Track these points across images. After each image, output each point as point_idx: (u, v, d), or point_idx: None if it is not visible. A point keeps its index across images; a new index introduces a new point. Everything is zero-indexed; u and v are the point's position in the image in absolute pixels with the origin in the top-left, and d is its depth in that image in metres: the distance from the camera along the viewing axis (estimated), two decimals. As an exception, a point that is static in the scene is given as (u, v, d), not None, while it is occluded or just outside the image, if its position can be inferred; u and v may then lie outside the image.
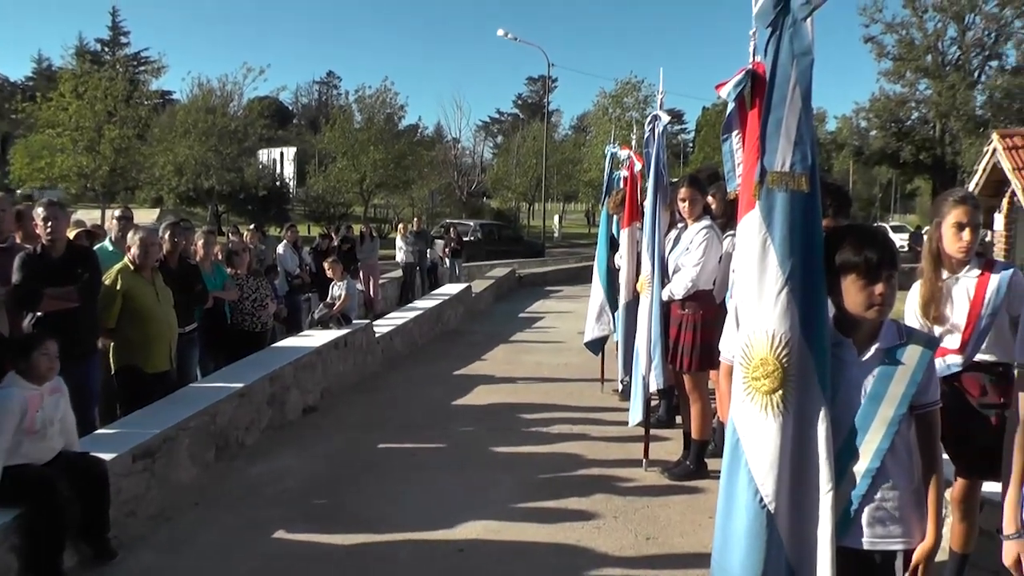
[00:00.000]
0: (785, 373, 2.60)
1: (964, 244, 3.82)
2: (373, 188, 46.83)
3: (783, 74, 2.63)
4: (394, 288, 18.78)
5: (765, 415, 2.63)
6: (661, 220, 6.29)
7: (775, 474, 2.61)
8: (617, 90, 53.62)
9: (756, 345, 2.66)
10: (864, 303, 2.62)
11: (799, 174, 2.62)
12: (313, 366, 8.46)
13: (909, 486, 2.68)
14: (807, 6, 2.54)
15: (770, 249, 2.64)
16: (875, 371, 2.67)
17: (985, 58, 47.57)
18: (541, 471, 6.48)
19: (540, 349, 12.38)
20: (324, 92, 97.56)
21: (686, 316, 6.21)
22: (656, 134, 6.32)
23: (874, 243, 2.64)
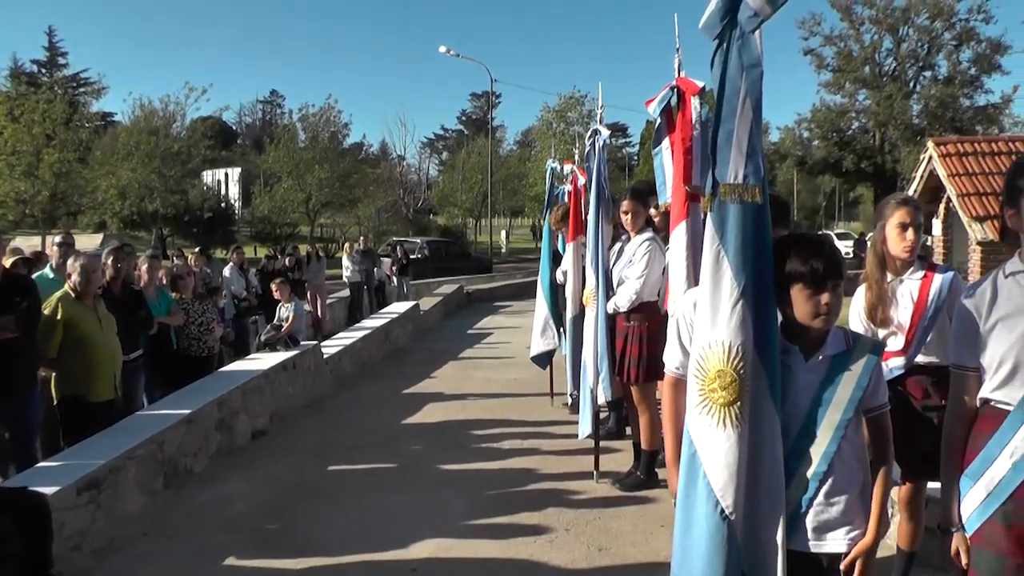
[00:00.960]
0: (742, 384, 2.62)
1: (908, 244, 3.92)
2: (319, 207, 46.48)
3: (733, 86, 2.63)
4: (342, 308, 18.61)
5: (723, 427, 2.64)
6: (604, 233, 6.33)
7: (735, 485, 2.62)
8: (560, 105, 53.93)
9: (711, 357, 2.67)
10: (811, 312, 2.65)
11: (752, 186, 2.62)
12: (261, 390, 8.33)
13: (856, 490, 2.71)
14: (755, 19, 2.53)
15: (724, 261, 2.64)
16: (822, 377, 2.70)
17: (919, 69, 48.87)
18: (492, 487, 6.46)
19: (489, 365, 12.37)
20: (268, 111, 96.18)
21: (632, 328, 6.24)
22: (597, 148, 6.37)
23: (820, 253, 2.66)
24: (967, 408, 2.75)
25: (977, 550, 2.63)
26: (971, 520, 2.65)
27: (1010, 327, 2.58)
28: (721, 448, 2.64)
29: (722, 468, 2.64)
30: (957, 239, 14.64)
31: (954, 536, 2.70)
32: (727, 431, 2.63)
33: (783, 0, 2.48)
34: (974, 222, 12.82)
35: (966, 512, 2.68)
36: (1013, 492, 2.54)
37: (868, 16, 47.95)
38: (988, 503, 2.60)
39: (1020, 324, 2.56)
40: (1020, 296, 2.60)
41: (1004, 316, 2.61)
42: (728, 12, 2.57)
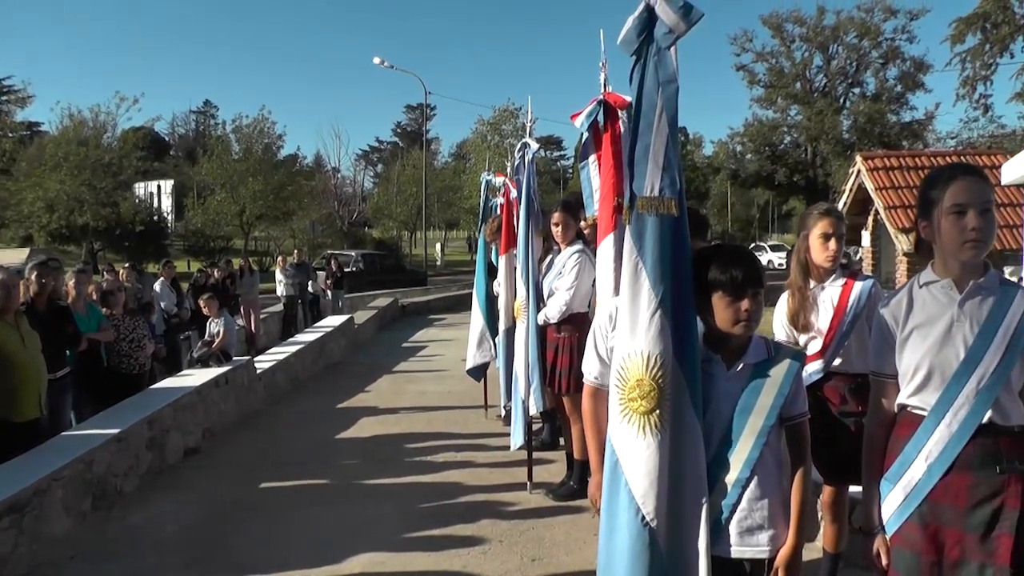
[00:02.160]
0: (661, 393, 2.66)
1: (830, 253, 4.08)
2: (253, 220, 45.77)
3: (649, 101, 2.67)
4: (276, 322, 18.38)
5: (643, 435, 2.68)
6: (534, 246, 6.36)
7: (655, 492, 2.66)
8: (495, 117, 54.07)
9: (631, 367, 2.71)
10: (731, 319, 2.70)
11: (668, 198, 2.67)
12: (193, 406, 8.17)
13: (778, 495, 2.76)
14: (670, 35, 2.58)
15: (642, 272, 2.69)
16: (744, 385, 2.74)
17: (848, 85, 50.36)
18: (426, 500, 6.44)
19: (424, 378, 12.32)
20: (201, 122, 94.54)
21: (562, 339, 6.28)
22: (526, 161, 6.40)
23: (739, 262, 2.72)
24: (886, 414, 2.85)
25: (897, 551, 2.72)
26: (891, 522, 2.75)
27: (924, 335, 2.69)
28: (642, 456, 2.68)
29: (643, 476, 2.67)
30: (885, 250, 15.08)
31: (876, 538, 2.79)
32: (647, 439, 2.67)
33: (697, 18, 2.54)
34: (900, 234, 13.21)
35: (886, 514, 2.77)
36: (928, 493, 2.64)
37: (799, 34, 49.27)
38: (906, 505, 2.69)
39: (933, 332, 2.67)
40: (934, 305, 2.70)
41: (919, 325, 2.71)
42: (645, 29, 2.63)
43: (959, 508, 2.62)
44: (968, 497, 2.60)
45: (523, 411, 6.44)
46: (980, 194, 2.60)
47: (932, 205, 2.68)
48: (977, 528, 2.58)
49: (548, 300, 6.34)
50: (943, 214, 2.64)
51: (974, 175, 2.65)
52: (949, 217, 2.62)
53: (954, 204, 2.60)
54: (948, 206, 2.62)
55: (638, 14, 2.63)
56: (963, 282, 2.67)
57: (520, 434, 6.49)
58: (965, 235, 2.59)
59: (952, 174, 2.65)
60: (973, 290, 2.66)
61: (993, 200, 2.63)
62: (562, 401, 6.42)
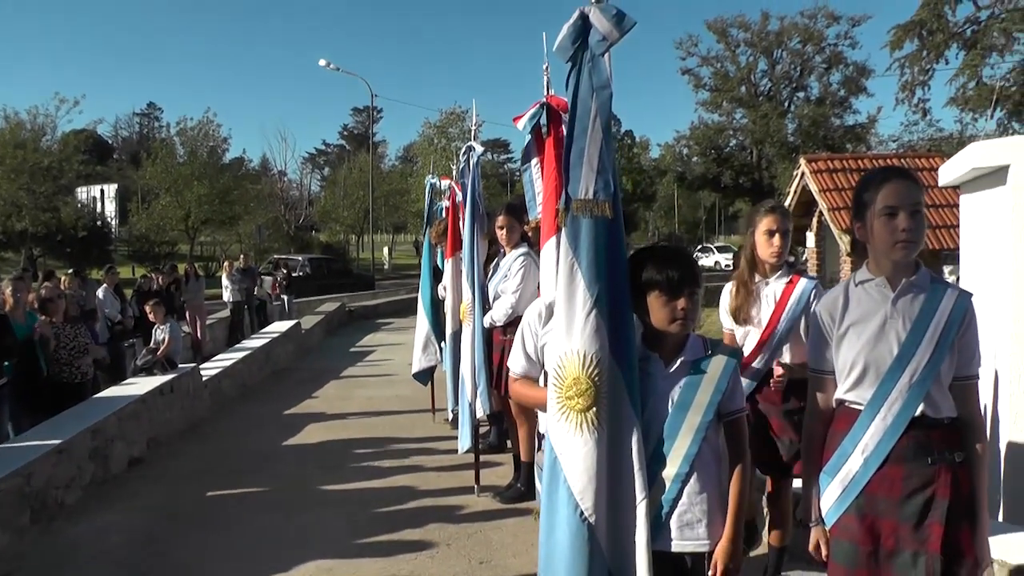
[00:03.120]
0: (598, 391, 2.69)
1: (775, 249, 4.18)
2: (199, 225, 44.91)
3: (584, 106, 2.71)
4: (222, 328, 18.07)
5: (580, 432, 2.71)
6: (480, 249, 6.37)
7: (593, 488, 2.69)
8: (442, 120, 53.90)
9: (568, 365, 2.74)
10: (668, 318, 2.75)
11: (602, 201, 2.70)
12: (138, 415, 8.01)
13: (717, 490, 2.80)
14: (603, 43, 2.63)
15: (578, 273, 2.72)
16: (682, 382, 2.78)
17: (793, 90, 51.11)
18: (374, 506, 6.41)
19: (372, 383, 12.27)
20: (145, 124, 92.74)
21: (508, 341, 6.25)
22: (471, 164, 6.40)
23: (676, 261, 2.77)
24: (824, 409, 2.92)
25: (836, 542, 2.80)
26: (830, 514, 2.83)
27: (859, 332, 2.77)
28: (579, 453, 2.72)
29: (581, 472, 2.71)
30: (829, 250, 15.37)
31: (813, 530, 2.87)
32: (584, 436, 2.71)
33: (630, 25, 2.59)
34: (844, 234, 13.47)
35: (825, 506, 2.85)
36: (865, 485, 2.73)
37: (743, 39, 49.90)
38: (844, 497, 2.77)
39: (868, 329, 2.75)
40: (868, 303, 2.78)
41: (854, 322, 2.79)
42: (579, 36, 2.67)
43: (893, 499, 2.70)
44: (902, 488, 2.69)
45: (470, 414, 6.43)
46: (910, 196, 2.68)
47: (865, 207, 2.76)
48: (910, 518, 2.67)
49: (494, 303, 6.35)
50: (875, 216, 2.72)
51: (904, 178, 2.73)
52: (881, 219, 2.70)
53: (885, 206, 2.68)
54: (880, 208, 2.70)
55: (572, 22, 2.67)
56: (896, 280, 2.75)
57: (467, 437, 6.49)
58: (896, 236, 2.67)
59: (884, 177, 2.73)
60: (905, 288, 2.74)
61: (923, 201, 2.71)
62: (509, 403, 6.44)
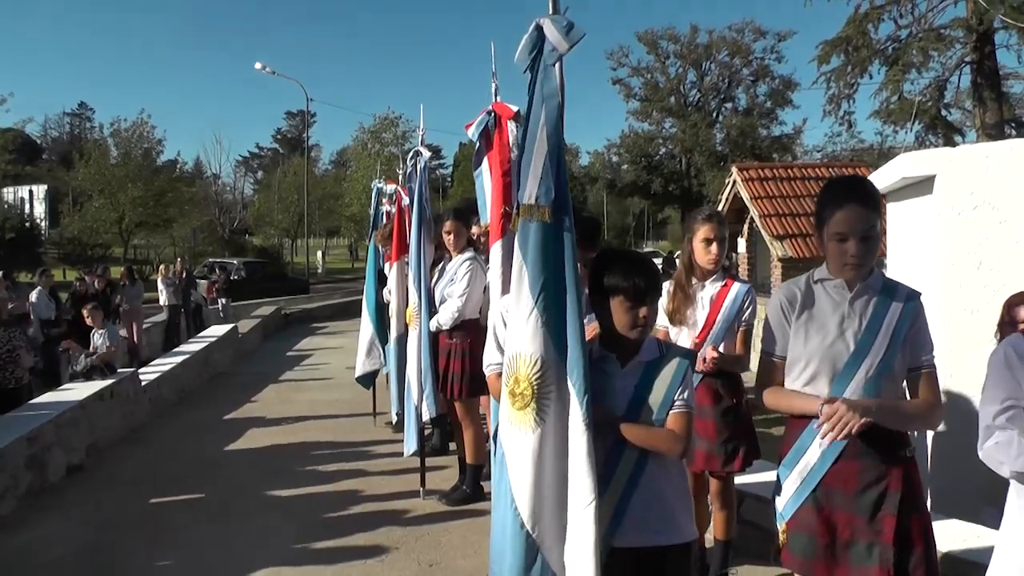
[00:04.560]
0: (535, 391, 2.72)
1: (713, 256, 4.30)
2: (133, 227, 43.69)
3: (535, 115, 2.77)
4: (158, 332, 17.60)
5: (520, 430, 2.75)
6: (426, 253, 6.34)
7: (530, 485, 2.71)
8: (375, 125, 53.58)
9: (513, 366, 2.78)
10: (629, 323, 2.79)
11: (543, 206, 2.74)
12: (77, 422, 7.74)
13: (672, 487, 2.85)
14: (554, 53, 2.68)
15: (524, 276, 2.77)
16: (637, 381, 2.83)
17: (721, 101, 52.10)
18: (321, 511, 6.32)
19: (311, 387, 12.09)
20: (76, 125, 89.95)
21: (454, 345, 6.27)
22: (418, 169, 6.38)
23: (642, 270, 2.82)
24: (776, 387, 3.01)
25: (794, 534, 2.88)
26: (787, 506, 2.91)
27: (817, 329, 2.87)
28: (518, 451, 2.75)
29: (519, 469, 2.74)
30: (760, 256, 15.64)
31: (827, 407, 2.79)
32: (522, 434, 2.74)
33: (578, 37, 2.65)
34: (775, 240, 13.73)
35: (783, 499, 2.94)
36: (822, 478, 2.82)
37: (673, 51, 50.70)
38: (802, 489, 2.86)
39: (826, 326, 2.86)
40: (827, 302, 2.89)
41: (811, 318, 2.90)
42: (535, 46, 2.73)
43: (849, 492, 2.80)
44: (857, 482, 2.79)
45: (416, 417, 6.39)
46: (861, 223, 2.76)
47: (821, 223, 2.86)
48: (865, 511, 2.77)
49: (440, 307, 6.33)
50: (828, 237, 2.82)
51: (860, 203, 2.78)
52: (831, 243, 2.81)
53: (836, 232, 2.79)
54: (831, 232, 2.80)
55: (530, 33, 2.73)
56: (853, 282, 2.86)
57: (413, 440, 6.44)
58: (845, 259, 2.79)
59: (838, 202, 2.80)
60: (861, 290, 2.86)
61: (877, 224, 2.79)
62: (454, 406, 6.43)
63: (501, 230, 4.38)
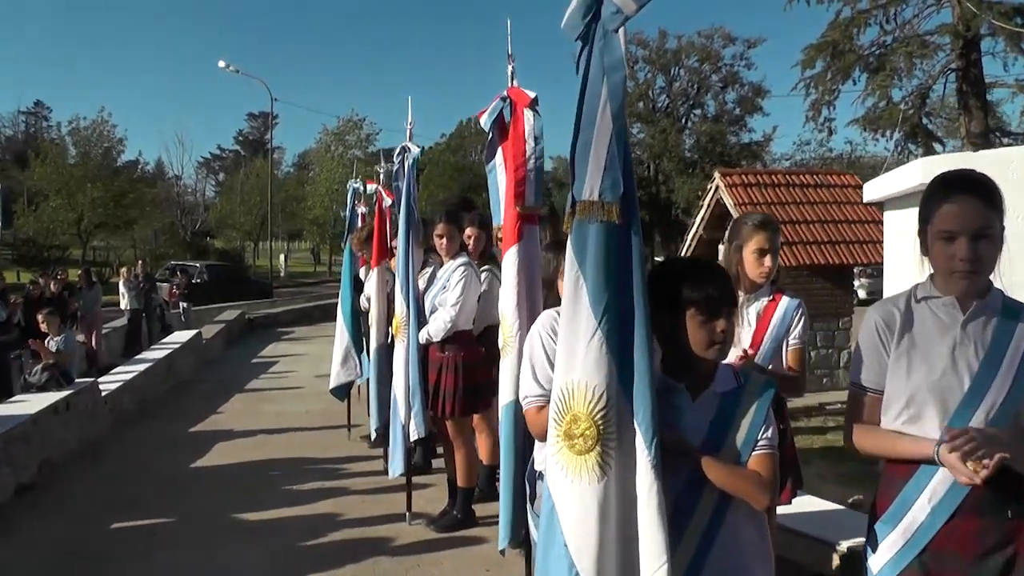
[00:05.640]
0: (599, 432, 2.24)
1: (766, 269, 3.80)
2: (92, 229, 42.39)
3: (593, 91, 2.29)
4: (118, 338, 16.88)
5: (579, 479, 2.25)
6: (415, 258, 5.86)
7: (594, 546, 2.22)
8: (339, 127, 53.01)
9: (568, 400, 2.29)
10: (705, 341, 2.33)
11: (609, 203, 2.27)
12: (27, 437, 7.10)
13: (755, 536, 2.41)
14: (618, 16, 2.21)
15: (582, 290, 2.27)
16: (713, 416, 2.37)
17: (690, 107, 51.97)
18: (298, 537, 5.80)
19: (279, 397, 11.53)
20: (32, 123, 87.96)
21: (446, 358, 5.77)
22: (406, 167, 5.87)
23: (715, 277, 2.39)
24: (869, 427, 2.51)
25: None
26: (885, 570, 2.41)
27: (923, 357, 2.36)
28: (576, 504, 2.26)
29: (577, 526, 2.25)
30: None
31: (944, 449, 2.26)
32: (582, 485, 2.24)
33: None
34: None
35: (880, 561, 2.43)
36: (931, 540, 2.32)
37: (642, 55, 50.51)
38: (906, 551, 2.37)
39: (933, 355, 2.35)
40: (934, 325, 2.37)
41: (914, 345, 2.38)
42: (591, 10, 2.25)
43: (966, 557, 2.29)
44: (976, 544, 2.28)
45: (403, 437, 5.88)
46: (974, 219, 2.27)
47: (925, 224, 2.38)
48: None
49: (430, 317, 5.86)
50: (933, 238, 2.34)
51: (973, 195, 2.30)
52: (937, 244, 2.32)
53: (942, 230, 2.30)
54: (937, 231, 2.32)
55: None
56: (966, 301, 2.35)
57: (400, 462, 5.91)
58: (952, 264, 2.29)
59: (948, 193, 2.32)
60: (977, 310, 2.33)
61: (995, 223, 2.28)
62: (445, 425, 5.95)
63: (517, 233, 3.94)
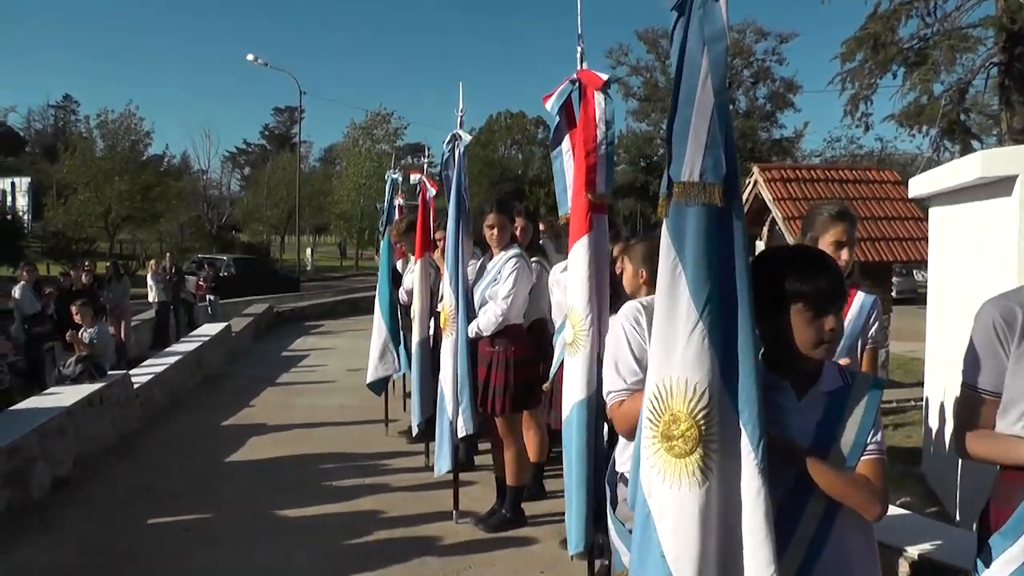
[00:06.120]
0: (701, 433, 2.03)
1: (843, 263, 3.56)
2: (119, 222, 42.44)
3: (692, 65, 2.05)
4: (146, 330, 16.79)
5: (679, 484, 2.04)
6: (465, 249, 5.63)
7: (696, 554, 2.02)
8: (367, 122, 52.91)
9: (665, 399, 2.08)
10: (813, 340, 2.12)
11: (711, 184, 2.05)
12: (64, 431, 6.93)
13: (864, 548, 2.22)
14: None
15: (681, 278, 2.06)
16: (819, 418, 2.17)
17: (718, 102, 51.67)
18: (340, 535, 5.60)
19: (312, 391, 11.35)
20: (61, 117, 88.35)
21: (496, 353, 5.54)
22: (456, 155, 5.63)
23: (825, 269, 2.15)
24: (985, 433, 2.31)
25: None
26: None
27: None
28: (676, 511, 2.05)
29: (676, 534, 2.04)
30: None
31: None
32: (682, 490, 2.04)
33: None
34: (799, 244, 13.08)
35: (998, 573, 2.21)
36: None
37: (671, 51, 50.33)
38: None
39: None
40: None
41: None
42: None
43: None
44: None
45: (450, 434, 5.67)
46: None
47: None
48: None
49: (480, 310, 5.63)
50: None
51: None
52: None
53: None
54: None
55: None
56: None
57: (447, 459, 5.69)
58: None
59: None
60: None
61: None
62: (494, 422, 5.72)
63: (588, 222, 3.71)
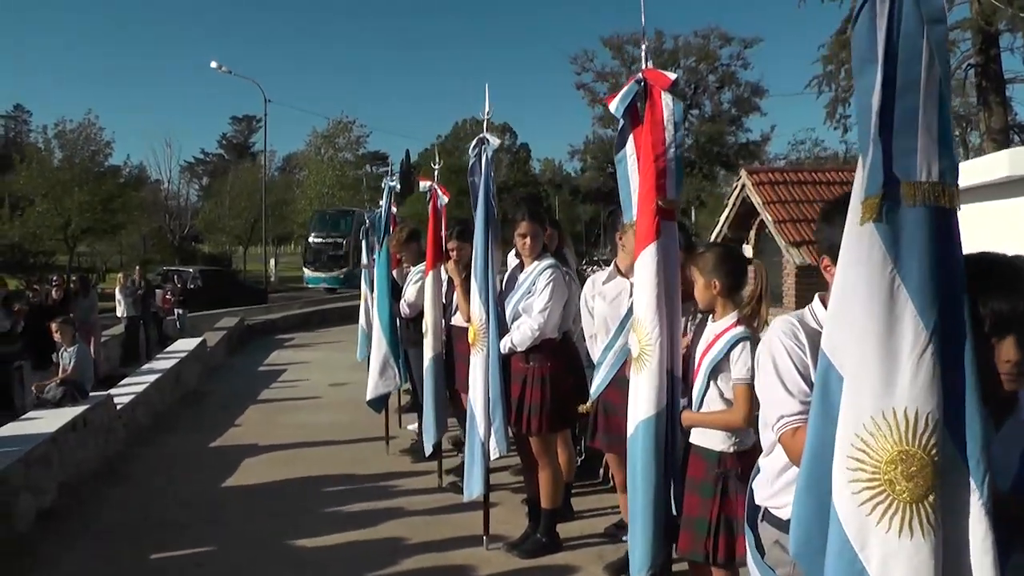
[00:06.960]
0: (936, 469, 1.69)
1: None
2: (79, 234, 41.20)
3: (911, 48, 1.71)
4: (115, 346, 16.15)
5: (910, 533, 1.70)
6: (494, 259, 5.26)
7: None
8: (329, 130, 52.47)
9: (886, 433, 1.73)
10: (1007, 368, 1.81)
11: (950, 186, 1.72)
12: (48, 458, 6.44)
13: None
14: None
15: (901, 292, 1.71)
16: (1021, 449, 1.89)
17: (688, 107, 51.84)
18: (363, 567, 5.17)
19: (297, 407, 10.86)
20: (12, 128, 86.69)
21: (532, 370, 5.18)
22: (484, 160, 5.26)
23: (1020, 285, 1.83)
24: None
25: None
26: None
27: None
28: (906, 564, 1.70)
29: None
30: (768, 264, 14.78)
31: None
32: (914, 539, 1.69)
33: None
34: (791, 247, 12.90)
35: None
36: None
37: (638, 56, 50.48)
38: None
39: None
40: None
41: None
42: None
43: None
44: None
45: (483, 455, 5.27)
46: None
47: None
48: None
49: (513, 324, 5.26)
50: None
51: None
52: None
53: None
54: None
55: None
56: None
57: (479, 482, 5.26)
58: None
59: None
60: None
61: None
62: (529, 442, 5.35)
63: (656, 229, 3.36)
